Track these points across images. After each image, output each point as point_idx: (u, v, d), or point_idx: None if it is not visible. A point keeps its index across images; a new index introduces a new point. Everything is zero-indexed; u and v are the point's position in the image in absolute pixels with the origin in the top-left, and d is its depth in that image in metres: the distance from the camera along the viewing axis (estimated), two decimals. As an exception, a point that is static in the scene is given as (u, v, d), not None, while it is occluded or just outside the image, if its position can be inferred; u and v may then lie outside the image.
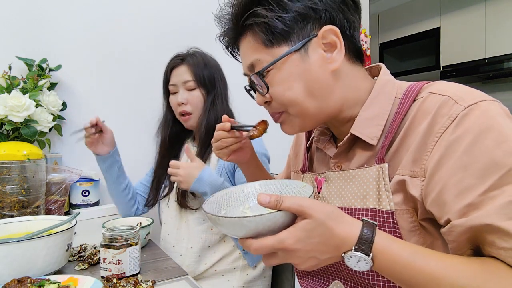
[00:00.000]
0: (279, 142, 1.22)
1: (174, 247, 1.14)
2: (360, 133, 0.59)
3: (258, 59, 0.59)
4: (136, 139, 1.55)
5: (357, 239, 0.45)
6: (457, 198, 0.46)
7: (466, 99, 0.49)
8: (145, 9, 1.58)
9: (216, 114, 1.12)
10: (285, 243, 0.44)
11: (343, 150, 0.64)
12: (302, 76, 0.57)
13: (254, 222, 0.44)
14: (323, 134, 0.71)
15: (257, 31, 0.57)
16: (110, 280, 0.69)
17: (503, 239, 0.43)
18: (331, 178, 0.65)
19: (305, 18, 0.56)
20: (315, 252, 0.46)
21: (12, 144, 1.05)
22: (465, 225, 0.46)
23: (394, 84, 0.61)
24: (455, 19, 3.08)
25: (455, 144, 0.47)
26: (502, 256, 0.44)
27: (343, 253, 0.46)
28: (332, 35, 0.56)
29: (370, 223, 0.47)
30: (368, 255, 0.45)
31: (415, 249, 0.47)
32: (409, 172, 0.52)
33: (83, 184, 1.31)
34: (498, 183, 0.44)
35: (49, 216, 0.90)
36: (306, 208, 0.45)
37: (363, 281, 0.59)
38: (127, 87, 1.54)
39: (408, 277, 0.45)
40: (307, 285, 0.71)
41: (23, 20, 1.30)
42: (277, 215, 0.45)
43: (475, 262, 0.46)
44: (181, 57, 1.16)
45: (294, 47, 0.56)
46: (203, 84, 1.13)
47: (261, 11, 0.55)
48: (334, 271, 0.64)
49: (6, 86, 1.18)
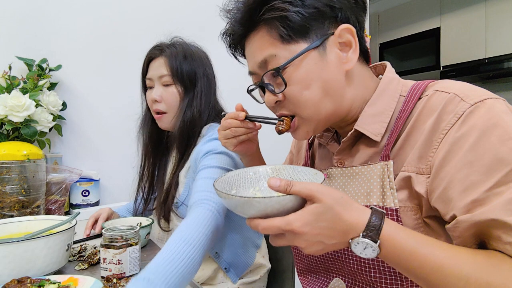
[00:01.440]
0: (277, 136, 1.21)
1: None
2: (364, 129, 0.59)
3: (274, 55, 0.56)
4: (135, 139, 1.54)
5: (365, 225, 0.45)
6: (463, 194, 0.47)
7: (472, 97, 0.50)
8: (145, 9, 1.57)
9: (193, 114, 0.98)
10: (292, 225, 0.44)
11: (347, 147, 0.64)
12: (320, 75, 0.56)
13: (263, 203, 0.45)
14: (327, 130, 0.71)
15: (274, 26, 0.55)
16: (110, 280, 0.69)
17: (509, 233, 0.44)
18: (334, 174, 0.64)
19: (323, 15, 0.55)
20: (322, 237, 0.46)
21: (12, 144, 1.05)
22: (470, 220, 0.46)
23: (399, 82, 0.62)
24: (455, 19, 3.08)
25: (460, 141, 0.48)
26: (508, 250, 0.45)
27: (350, 239, 0.46)
28: (348, 34, 0.56)
29: (378, 211, 0.47)
30: (376, 241, 0.45)
31: (421, 238, 0.47)
32: (414, 168, 0.53)
33: (83, 184, 1.31)
34: (503, 179, 0.45)
35: (49, 216, 0.90)
36: (315, 193, 0.45)
37: (364, 278, 0.59)
38: (127, 87, 1.53)
39: (413, 265, 0.45)
40: (308, 282, 0.71)
41: (23, 20, 1.30)
42: (286, 198, 0.45)
43: (480, 254, 0.46)
44: (160, 47, 1.03)
45: (314, 43, 0.55)
46: (181, 80, 0.99)
47: (281, 5, 0.54)
48: (335, 268, 0.64)
49: (6, 86, 1.18)
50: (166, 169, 1.12)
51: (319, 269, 0.68)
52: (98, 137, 1.46)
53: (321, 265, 0.67)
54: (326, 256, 0.64)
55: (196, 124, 1.00)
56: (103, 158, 1.46)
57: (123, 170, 1.49)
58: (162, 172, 1.12)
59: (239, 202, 0.46)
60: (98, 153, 1.45)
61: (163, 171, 1.12)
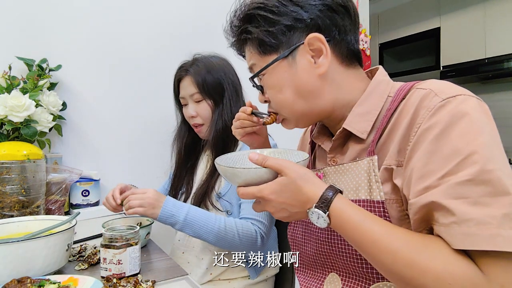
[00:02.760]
0: (291, 136, 1.21)
1: (184, 253, 1.14)
2: (352, 127, 0.63)
3: (255, 64, 0.68)
4: (135, 139, 1.55)
5: (319, 198, 0.52)
6: (418, 181, 0.50)
7: (446, 92, 0.52)
8: (145, 9, 1.58)
9: (225, 123, 1.11)
10: (262, 193, 0.54)
11: (338, 145, 0.67)
12: (291, 80, 0.63)
13: (244, 172, 0.55)
14: (322, 131, 0.74)
15: (251, 43, 0.66)
16: (110, 280, 0.69)
17: (444, 215, 0.46)
18: (328, 173, 0.67)
19: (291, 29, 0.62)
20: (286, 205, 0.55)
21: (12, 144, 1.05)
22: (417, 203, 0.49)
23: (388, 84, 0.65)
24: (455, 19, 3.08)
25: (427, 133, 0.51)
26: (441, 232, 0.46)
27: (308, 209, 0.53)
28: (318, 41, 0.61)
29: (334, 188, 0.53)
30: (325, 212, 0.51)
31: (366, 215, 0.52)
32: (394, 161, 0.56)
33: (83, 184, 1.31)
34: (454, 169, 0.47)
35: (49, 216, 0.90)
36: (284, 168, 0.53)
37: (357, 271, 0.60)
38: (128, 87, 1.54)
39: (356, 238, 0.51)
40: (305, 279, 0.72)
41: (23, 20, 1.30)
42: (262, 170, 0.55)
43: (417, 235, 0.50)
44: (185, 67, 1.15)
45: (281, 54, 0.63)
46: (209, 94, 1.12)
47: (251, 28, 0.64)
48: (330, 263, 0.66)
49: (6, 86, 1.18)
50: (195, 169, 1.26)
51: (315, 265, 0.70)
52: (98, 137, 1.46)
53: (317, 261, 0.69)
54: (321, 252, 0.66)
55: (230, 130, 1.10)
56: (103, 158, 1.46)
57: (123, 170, 1.49)
58: (191, 171, 1.26)
59: (227, 171, 0.57)
60: (98, 153, 1.45)
61: (192, 170, 1.26)
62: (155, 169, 1.52)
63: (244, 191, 0.56)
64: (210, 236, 0.97)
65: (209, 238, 0.97)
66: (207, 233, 0.97)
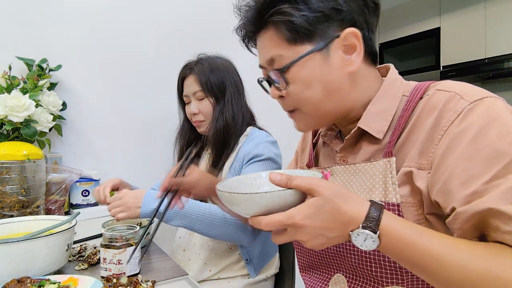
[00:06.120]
0: (287, 140, 1.22)
1: (185, 251, 1.14)
2: (368, 126, 0.61)
3: (280, 55, 0.59)
4: (135, 139, 1.55)
5: (365, 217, 0.46)
6: (462, 187, 0.48)
7: (471, 95, 0.52)
8: (145, 9, 1.57)
9: (225, 120, 1.13)
10: (294, 219, 0.45)
11: (349, 144, 0.65)
12: (322, 76, 0.58)
13: (264, 198, 0.45)
14: (331, 129, 0.72)
15: (281, 28, 0.57)
16: (110, 280, 0.69)
17: (506, 222, 0.44)
18: (337, 172, 0.66)
19: (328, 19, 0.57)
20: (323, 230, 0.46)
21: (12, 144, 1.05)
22: (469, 211, 0.46)
23: (402, 83, 0.64)
24: (455, 19, 3.08)
25: (460, 136, 0.49)
26: (506, 239, 0.45)
27: (351, 231, 0.46)
28: (353, 37, 0.57)
29: (377, 203, 0.47)
30: (375, 232, 0.45)
31: (420, 229, 0.47)
32: (416, 164, 0.54)
33: (83, 184, 1.31)
34: (501, 172, 0.45)
35: (49, 216, 0.90)
36: (315, 186, 0.46)
37: (364, 273, 0.59)
38: (127, 87, 1.54)
39: (413, 255, 0.46)
40: (310, 279, 0.71)
41: (23, 20, 1.30)
42: (287, 192, 0.46)
43: (479, 244, 0.46)
44: (189, 66, 1.18)
45: (318, 46, 0.57)
46: (212, 92, 1.14)
47: (287, 9, 0.56)
48: (336, 264, 0.65)
49: (6, 86, 1.18)
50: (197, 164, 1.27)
51: (321, 265, 0.69)
52: (98, 137, 1.46)
53: (322, 261, 0.68)
54: (327, 252, 0.65)
55: (230, 127, 1.14)
56: (103, 158, 1.46)
57: (123, 170, 1.49)
58: None
59: (241, 198, 0.46)
60: (98, 153, 1.46)
61: None
62: (155, 169, 1.52)
63: (269, 220, 0.45)
64: (197, 223, 0.95)
65: (196, 225, 0.95)
66: (195, 220, 0.94)
